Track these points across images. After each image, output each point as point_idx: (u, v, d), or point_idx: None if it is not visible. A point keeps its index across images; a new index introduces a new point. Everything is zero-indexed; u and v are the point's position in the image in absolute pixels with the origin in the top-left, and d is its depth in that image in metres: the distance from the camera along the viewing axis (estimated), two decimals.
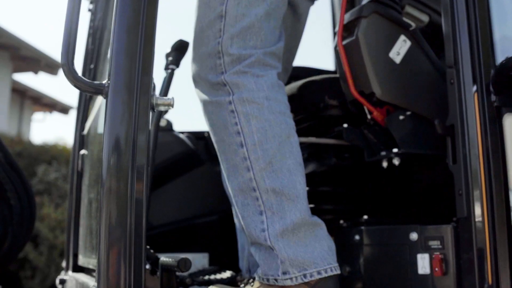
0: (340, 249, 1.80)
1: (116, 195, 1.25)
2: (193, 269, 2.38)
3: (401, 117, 1.70)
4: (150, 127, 1.91)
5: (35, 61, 11.29)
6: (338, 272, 1.49)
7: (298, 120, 1.93)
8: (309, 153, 1.93)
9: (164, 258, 1.54)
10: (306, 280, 1.44)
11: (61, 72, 1.30)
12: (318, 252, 1.47)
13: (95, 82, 1.33)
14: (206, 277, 1.78)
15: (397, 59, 1.69)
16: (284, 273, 1.44)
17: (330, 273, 1.46)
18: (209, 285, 1.72)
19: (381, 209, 1.92)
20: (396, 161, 1.68)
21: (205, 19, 1.53)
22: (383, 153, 1.71)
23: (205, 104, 1.55)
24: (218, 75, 1.50)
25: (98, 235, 1.25)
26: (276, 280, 1.45)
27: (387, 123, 1.69)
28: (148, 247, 1.67)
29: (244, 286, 1.58)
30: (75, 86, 1.33)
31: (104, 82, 1.32)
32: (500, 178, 1.43)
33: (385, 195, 1.92)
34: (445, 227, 1.52)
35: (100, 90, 1.32)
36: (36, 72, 12.27)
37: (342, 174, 1.91)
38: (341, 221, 1.86)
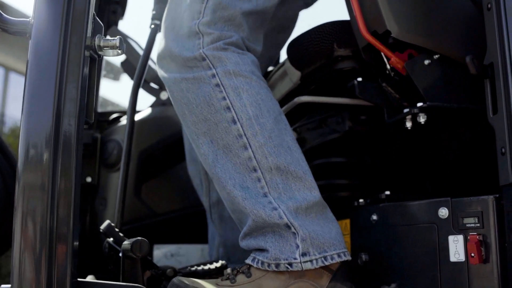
0: (356, 233, 1.46)
1: (32, 188, 0.97)
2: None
3: (426, 62, 1.33)
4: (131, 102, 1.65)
5: None
6: (350, 258, 1.31)
7: (303, 81, 1.60)
8: (320, 119, 1.59)
9: (127, 242, 1.26)
10: (326, 263, 1.26)
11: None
12: (334, 233, 1.30)
13: (19, 19, 1.08)
14: (194, 268, 1.48)
15: None
16: (303, 254, 1.24)
17: (347, 258, 1.29)
18: (193, 277, 1.43)
19: (407, 182, 1.54)
20: (421, 119, 1.31)
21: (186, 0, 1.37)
22: (407, 110, 1.35)
23: (176, 82, 1.33)
24: (195, 51, 1.31)
25: (13, 237, 0.99)
26: (290, 264, 1.23)
27: (408, 70, 1.32)
28: (117, 230, 1.40)
29: (225, 279, 1.27)
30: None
31: (29, 19, 1.06)
32: None
33: (412, 165, 1.54)
34: (484, 199, 1.14)
35: (24, 30, 1.07)
36: None
37: (358, 141, 1.55)
38: (361, 200, 1.49)
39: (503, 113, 1.11)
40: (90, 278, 1.65)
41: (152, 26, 1.65)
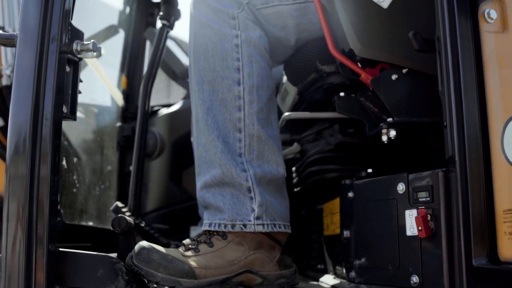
0: (341, 210, 1.51)
1: (15, 174, 1.16)
2: None
3: (393, 77, 1.33)
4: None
5: None
6: (290, 231, 1.47)
7: (300, 95, 1.67)
8: (317, 131, 1.64)
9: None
10: (275, 230, 1.41)
11: None
12: (285, 208, 1.47)
13: (8, 33, 1.28)
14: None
15: (385, 3, 1.30)
16: (257, 218, 1.39)
17: (288, 230, 1.45)
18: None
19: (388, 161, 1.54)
20: (391, 134, 1.32)
21: None
22: (382, 124, 1.36)
23: (202, 26, 1.48)
24: (230, 8, 1.46)
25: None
26: (244, 226, 1.39)
27: (374, 86, 1.33)
28: (124, 210, 1.58)
29: (188, 249, 1.38)
30: None
31: (16, 32, 1.26)
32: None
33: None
34: (433, 173, 1.15)
35: (12, 41, 1.26)
36: None
37: (351, 149, 1.58)
38: (347, 180, 1.52)
39: (444, 86, 1.11)
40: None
41: (161, 25, 1.79)
